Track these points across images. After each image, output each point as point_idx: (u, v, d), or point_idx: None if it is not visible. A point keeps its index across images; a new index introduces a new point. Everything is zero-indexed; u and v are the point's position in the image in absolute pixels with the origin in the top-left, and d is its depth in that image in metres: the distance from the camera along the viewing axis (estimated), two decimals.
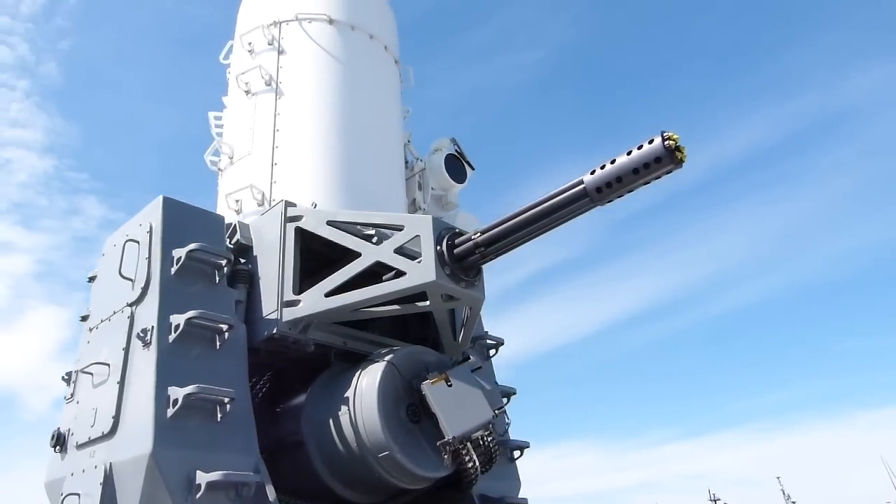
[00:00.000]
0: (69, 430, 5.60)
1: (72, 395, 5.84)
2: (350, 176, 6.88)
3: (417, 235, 5.75)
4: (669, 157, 4.57)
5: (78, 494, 5.10)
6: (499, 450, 5.86)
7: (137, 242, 5.67)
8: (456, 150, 9.00)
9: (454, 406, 5.48)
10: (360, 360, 5.87)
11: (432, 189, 8.75)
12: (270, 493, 4.99)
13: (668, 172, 4.71)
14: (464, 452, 5.50)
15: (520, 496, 6.98)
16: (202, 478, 4.61)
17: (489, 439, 5.66)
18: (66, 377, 6.00)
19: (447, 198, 8.78)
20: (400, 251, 5.74)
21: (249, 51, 7.57)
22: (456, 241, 5.70)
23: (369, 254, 5.76)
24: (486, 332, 7.90)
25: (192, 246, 5.40)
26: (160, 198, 5.75)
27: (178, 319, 5.09)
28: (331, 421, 5.55)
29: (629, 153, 4.74)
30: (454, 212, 8.66)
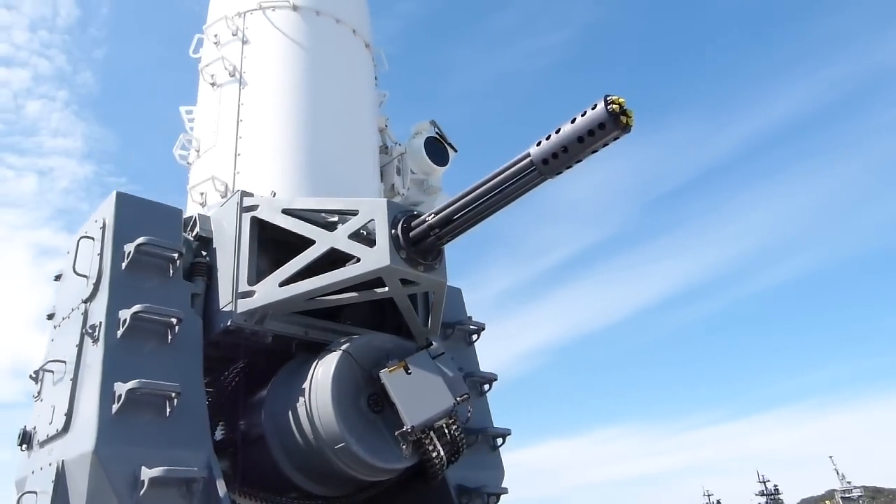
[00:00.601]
0: (34, 428, 5.60)
1: (38, 393, 5.84)
2: (315, 163, 6.74)
3: (372, 220, 5.61)
4: (613, 123, 4.34)
5: (35, 493, 5.09)
6: (465, 439, 5.70)
7: (92, 239, 5.63)
8: (437, 133, 8.81)
9: (413, 394, 5.33)
10: (323, 350, 5.75)
11: (413, 173, 8.58)
12: (221, 488, 4.90)
13: (615, 139, 4.48)
14: (427, 442, 5.35)
15: (503, 485, 6.81)
16: (146, 474, 4.54)
17: (454, 428, 5.49)
18: (33, 376, 6.00)
19: (429, 182, 8.61)
20: (356, 237, 5.61)
21: (215, 43, 7.49)
22: (412, 223, 5.54)
23: (324, 241, 5.63)
24: (471, 317, 7.74)
25: (140, 240, 5.33)
26: (114, 193, 5.70)
27: (125, 314, 5.03)
28: (290, 413, 5.44)
29: (573, 121, 4.52)
30: (435, 196, 8.48)
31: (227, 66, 7.13)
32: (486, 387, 7.25)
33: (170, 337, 5.23)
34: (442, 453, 5.47)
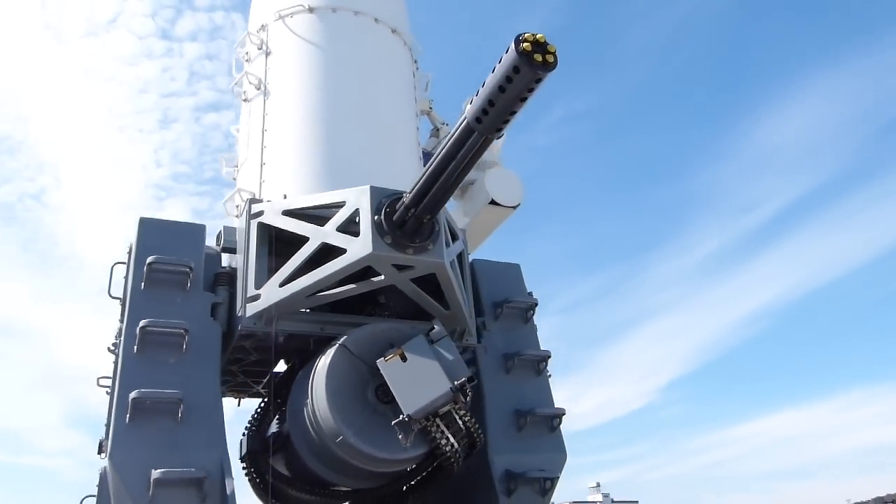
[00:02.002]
0: (102, 437, 6.24)
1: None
2: (335, 159, 6.75)
3: (357, 209, 5.55)
4: (528, 65, 3.92)
5: (94, 496, 5.69)
6: (478, 426, 5.43)
7: (124, 264, 6.13)
8: None
9: (410, 382, 5.18)
10: None
11: None
12: (229, 486, 5.11)
13: (538, 81, 4.02)
14: (433, 430, 5.17)
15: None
16: (156, 475, 4.87)
17: (462, 414, 5.24)
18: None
19: (483, 157, 8.27)
20: (345, 228, 5.58)
21: (247, 60, 7.80)
22: (396, 207, 5.39)
23: (316, 237, 5.67)
24: (531, 293, 7.38)
25: (150, 259, 5.71)
26: (138, 219, 6.16)
27: (136, 329, 5.43)
28: (304, 410, 5.53)
29: (494, 70, 4.13)
30: (486, 171, 8.17)
31: (253, 81, 7.40)
32: (542, 365, 6.85)
33: (184, 347, 5.55)
34: (453, 442, 5.25)
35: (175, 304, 5.75)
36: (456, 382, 5.13)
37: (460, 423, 5.30)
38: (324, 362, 5.38)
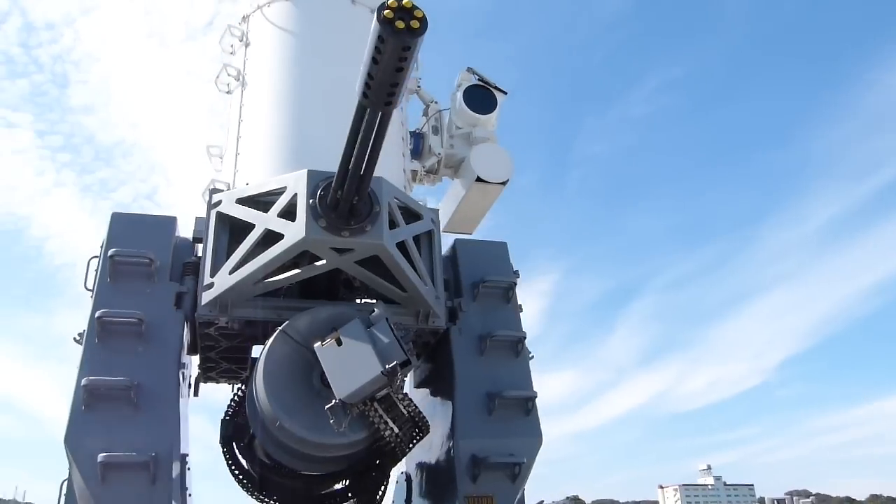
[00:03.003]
0: None
1: None
2: (306, 145, 6.73)
3: (296, 193, 5.54)
4: (389, 31, 3.79)
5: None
6: (420, 412, 5.32)
7: (97, 258, 6.40)
8: (478, 79, 8.25)
9: (343, 366, 5.15)
10: None
11: (458, 128, 8.16)
12: (175, 469, 5.27)
13: (405, 49, 3.87)
14: (372, 415, 5.11)
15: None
16: (101, 458, 5.09)
17: (399, 398, 5.15)
18: None
19: (474, 133, 8.07)
20: (286, 214, 5.59)
21: (231, 53, 7.92)
22: (330, 190, 5.34)
23: (260, 223, 5.71)
24: (517, 271, 7.18)
25: (111, 251, 5.94)
26: (111, 214, 6.41)
27: (94, 320, 5.66)
28: (255, 398, 5.60)
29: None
30: (473, 148, 7.94)
31: (233, 73, 7.51)
32: (520, 346, 6.63)
33: (144, 335, 5.74)
34: (393, 427, 5.17)
35: (138, 295, 5.95)
36: (388, 366, 5.03)
37: (401, 407, 5.21)
38: (263, 349, 5.43)
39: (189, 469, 5.93)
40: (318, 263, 5.64)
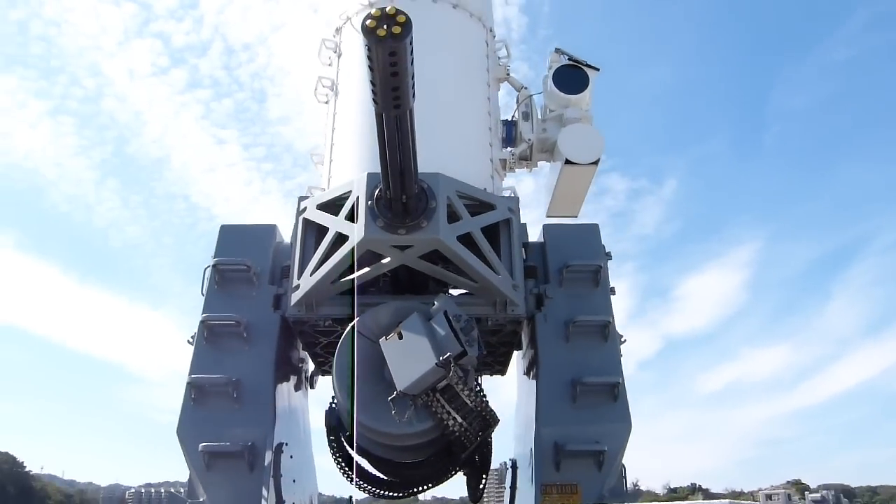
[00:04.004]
0: None
1: None
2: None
3: (358, 196, 5.81)
4: (374, 40, 3.96)
5: None
6: (484, 402, 5.36)
7: (209, 267, 7.12)
8: (568, 59, 8.03)
9: (404, 358, 5.34)
10: None
11: (551, 111, 8.01)
12: (267, 457, 5.78)
13: (392, 53, 3.97)
14: (435, 405, 5.26)
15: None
16: (205, 448, 5.74)
17: (461, 388, 5.22)
18: None
19: (566, 115, 7.87)
20: (350, 216, 5.87)
21: (329, 65, 8.37)
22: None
23: (332, 226, 6.05)
24: (609, 253, 6.98)
25: (214, 261, 6.61)
26: (220, 226, 7.10)
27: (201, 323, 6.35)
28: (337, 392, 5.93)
29: None
30: (561, 130, 7.73)
31: (327, 84, 7.95)
32: (607, 330, 6.41)
33: (245, 335, 6.34)
34: (457, 418, 5.28)
35: (241, 299, 6.58)
36: (442, 357, 5.13)
37: (464, 398, 5.28)
38: (338, 345, 5.75)
39: (291, 457, 6.43)
40: (383, 261, 5.87)
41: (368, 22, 3.91)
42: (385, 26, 3.89)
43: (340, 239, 5.93)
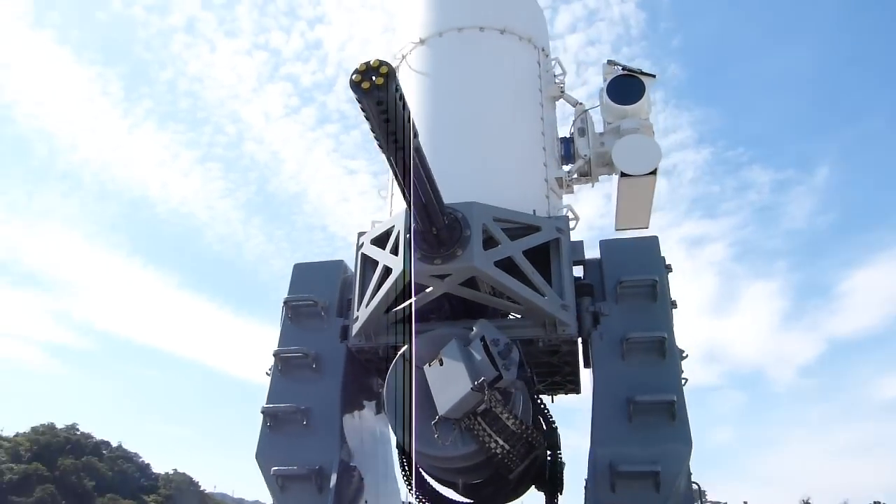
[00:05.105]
0: None
1: None
2: (442, 179, 7.22)
3: (399, 230, 6.11)
4: (361, 93, 4.27)
5: None
6: (526, 426, 5.45)
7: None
8: (622, 69, 7.95)
9: (444, 383, 5.56)
10: None
11: (608, 123, 7.96)
12: (332, 480, 6.16)
13: (378, 103, 4.25)
14: (476, 429, 5.43)
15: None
16: (276, 471, 6.24)
17: (499, 411, 5.35)
18: None
19: (623, 126, 7.78)
20: (395, 249, 6.18)
21: None
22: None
23: (381, 259, 6.38)
24: (669, 265, 6.83)
25: (286, 297, 7.15)
26: (293, 265, 7.66)
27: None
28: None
29: None
30: (615, 143, 7.64)
31: None
32: (665, 346, 6.26)
33: (314, 365, 6.82)
34: (498, 440, 5.41)
35: (311, 332, 7.07)
36: (476, 382, 5.28)
37: (504, 421, 5.40)
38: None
39: (363, 479, 6.78)
40: (427, 290, 6.11)
41: (354, 77, 4.20)
42: (371, 78, 4.15)
43: (387, 271, 6.25)
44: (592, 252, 7.29)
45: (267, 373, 7.09)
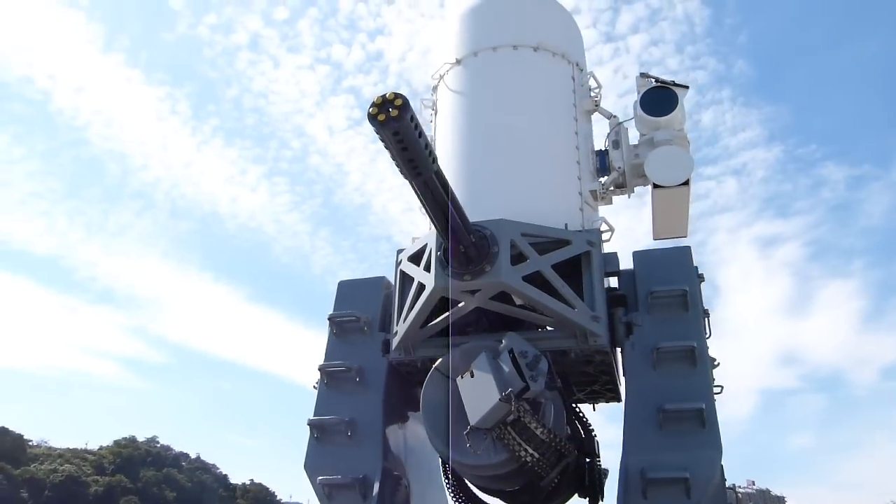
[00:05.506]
0: None
1: None
2: (476, 196, 7.40)
3: (431, 248, 6.37)
4: (377, 126, 4.56)
5: None
6: (556, 437, 5.63)
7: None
8: (655, 81, 8.04)
9: (474, 395, 5.79)
10: None
11: (643, 135, 8.06)
12: (375, 488, 6.45)
13: (395, 134, 4.53)
14: (507, 438, 5.63)
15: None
16: (321, 480, 6.58)
17: (527, 420, 5.54)
18: None
19: (656, 137, 7.86)
20: (427, 266, 6.44)
21: (430, 122, 9.09)
22: None
23: (417, 276, 6.66)
24: (701, 274, 6.91)
25: (330, 314, 7.51)
26: (338, 283, 8.02)
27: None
28: None
29: None
30: (648, 156, 7.72)
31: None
32: (697, 355, 6.32)
33: (357, 379, 7.15)
34: (528, 449, 5.60)
35: (354, 346, 7.41)
36: (504, 393, 5.48)
37: (533, 431, 5.58)
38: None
39: (408, 487, 7.05)
40: (459, 305, 6.35)
41: (371, 110, 4.47)
42: (388, 111, 4.43)
43: (422, 287, 6.52)
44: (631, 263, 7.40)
45: (314, 386, 7.46)
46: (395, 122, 4.43)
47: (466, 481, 7.29)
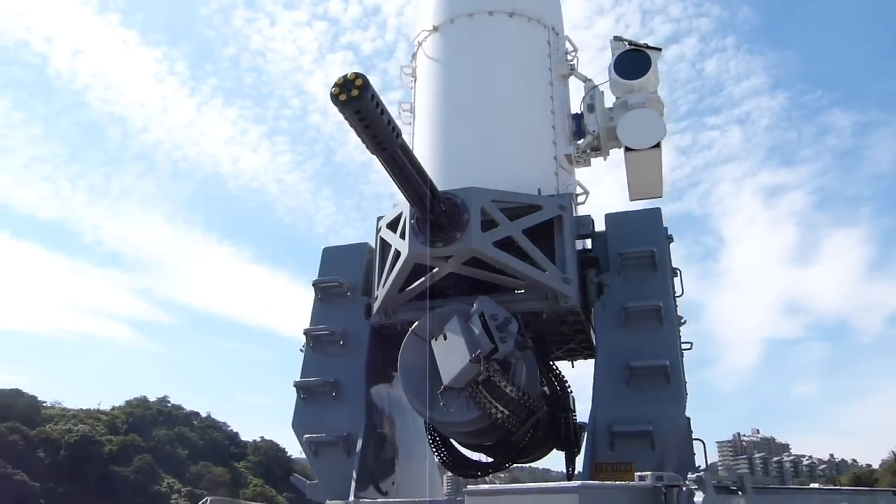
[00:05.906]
0: None
1: None
2: (450, 164, 7.59)
3: (406, 216, 6.59)
4: (340, 105, 4.74)
5: None
6: (526, 395, 5.92)
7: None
8: (629, 44, 8.14)
9: (447, 356, 6.08)
10: None
11: (617, 98, 8.19)
12: (358, 444, 6.80)
13: (356, 112, 4.71)
14: (479, 397, 5.94)
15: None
16: (308, 438, 6.94)
17: (497, 380, 5.82)
18: None
19: (630, 101, 7.99)
20: (403, 234, 6.67)
21: (411, 89, 9.20)
22: None
23: (393, 243, 6.90)
24: (671, 235, 7.13)
25: (314, 280, 7.78)
26: (322, 249, 8.27)
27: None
28: None
29: None
30: (619, 120, 7.87)
31: (406, 108, 8.80)
32: (664, 313, 6.58)
33: (341, 342, 7.45)
34: (498, 407, 5.90)
35: (337, 310, 7.70)
36: (474, 354, 5.77)
37: (503, 389, 5.88)
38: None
39: (393, 443, 7.42)
40: (434, 271, 6.60)
41: (333, 90, 4.66)
42: (349, 91, 4.62)
43: (398, 254, 6.76)
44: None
45: (301, 349, 7.77)
46: (356, 101, 4.62)
47: (448, 437, 7.66)
